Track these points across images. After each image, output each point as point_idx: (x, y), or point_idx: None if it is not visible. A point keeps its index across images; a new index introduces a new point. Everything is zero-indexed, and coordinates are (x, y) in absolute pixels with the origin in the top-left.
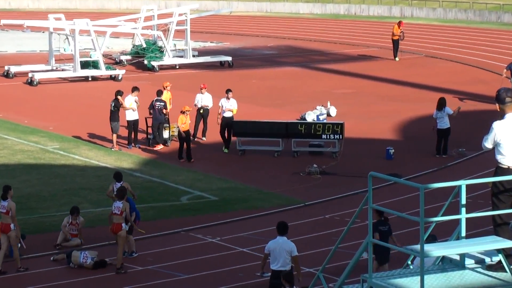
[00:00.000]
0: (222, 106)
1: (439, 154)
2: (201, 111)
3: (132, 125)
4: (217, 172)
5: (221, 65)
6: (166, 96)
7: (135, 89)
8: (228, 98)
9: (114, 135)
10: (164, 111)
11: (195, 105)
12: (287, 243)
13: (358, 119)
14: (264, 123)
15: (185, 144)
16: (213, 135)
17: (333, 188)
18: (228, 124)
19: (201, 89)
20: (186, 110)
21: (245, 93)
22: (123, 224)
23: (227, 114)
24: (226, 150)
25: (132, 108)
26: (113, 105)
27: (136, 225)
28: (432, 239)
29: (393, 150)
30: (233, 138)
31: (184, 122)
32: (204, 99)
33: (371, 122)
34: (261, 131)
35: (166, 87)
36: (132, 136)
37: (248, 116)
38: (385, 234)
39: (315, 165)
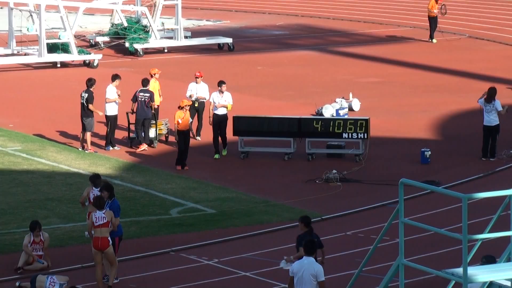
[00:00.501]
0: (213, 102)
1: (486, 157)
2: (196, 105)
3: (113, 122)
4: (215, 179)
5: (220, 48)
6: (153, 86)
7: (115, 77)
8: (221, 91)
9: (88, 134)
10: (151, 104)
11: (189, 96)
12: (312, 265)
13: (387, 114)
14: (271, 119)
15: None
16: (210, 133)
17: (356, 199)
18: (221, 123)
19: (196, 77)
20: (185, 105)
21: (249, 82)
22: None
23: (220, 111)
24: (217, 156)
25: (115, 100)
26: (85, 97)
27: (116, 245)
28: (488, 260)
29: (429, 152)
30: (233, 138)
31: (183, 117)
32: (200, 90)
33: (403, 117)
34: (268, 129)
35: (154, 74)
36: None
37: (253, 110)
38: None
39: (334, 171)
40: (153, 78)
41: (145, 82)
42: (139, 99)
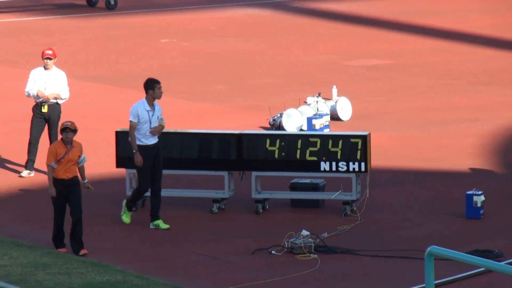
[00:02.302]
0: (141, 123)
1: None
2: (44, 109)
3: None
4: (88, 250)
5: (90, 5)
6: None
7: None
8: (151, 100)
9: None
10: None
11: (35, 96)
12: None
13: (402, 126)
14: (188, 136)
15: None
16: None
17: (347, 285)
18: (157, 161)
19: (44, 58)
20: (69, 131)
21: (145, 68)
22: None
23: (154, 139)
24: (165, 225)
25: None
26: None
27: None
28: None
29: (482, 198)
30: (116, 172)
31: (61, 156)
32: (51, 83)
33: (431, 132)
34: (181, 156)
35: None
36: None
37: None
38: None
39: (304, 231)
40: None
41: None
42: None
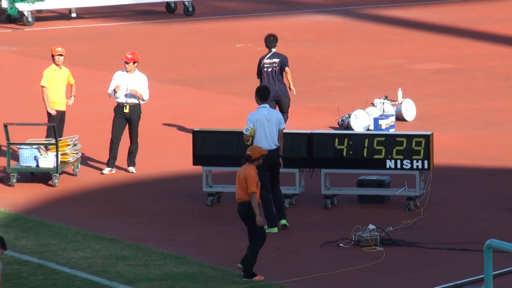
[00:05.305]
0: None
1: None
2: (125, 109)
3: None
4: (160, 242)
5: (169, 11)
6: (53, 77)
7: None
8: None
9: None
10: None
11: (115, 95)
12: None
13: (464, 126)
14: None
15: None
16: (147, 161)
17: (410, 276)
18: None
19: (125, 62)
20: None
21: (221, 71)
22: None
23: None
24: (284, 222)
25: None
26: None
27: None
28: None
29: None
30: (193, 169)
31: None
32: (132, 85)
33: (492, 132)
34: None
35: (55, 56)
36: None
37: (227, 121)
38: None
39: (371, 226)
40: (53, 65)
41: (272, 40)
42: (265, 69)
